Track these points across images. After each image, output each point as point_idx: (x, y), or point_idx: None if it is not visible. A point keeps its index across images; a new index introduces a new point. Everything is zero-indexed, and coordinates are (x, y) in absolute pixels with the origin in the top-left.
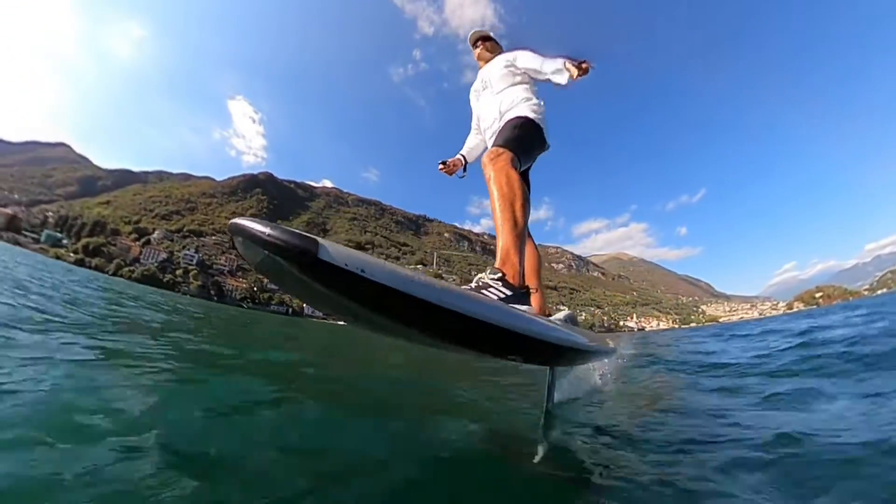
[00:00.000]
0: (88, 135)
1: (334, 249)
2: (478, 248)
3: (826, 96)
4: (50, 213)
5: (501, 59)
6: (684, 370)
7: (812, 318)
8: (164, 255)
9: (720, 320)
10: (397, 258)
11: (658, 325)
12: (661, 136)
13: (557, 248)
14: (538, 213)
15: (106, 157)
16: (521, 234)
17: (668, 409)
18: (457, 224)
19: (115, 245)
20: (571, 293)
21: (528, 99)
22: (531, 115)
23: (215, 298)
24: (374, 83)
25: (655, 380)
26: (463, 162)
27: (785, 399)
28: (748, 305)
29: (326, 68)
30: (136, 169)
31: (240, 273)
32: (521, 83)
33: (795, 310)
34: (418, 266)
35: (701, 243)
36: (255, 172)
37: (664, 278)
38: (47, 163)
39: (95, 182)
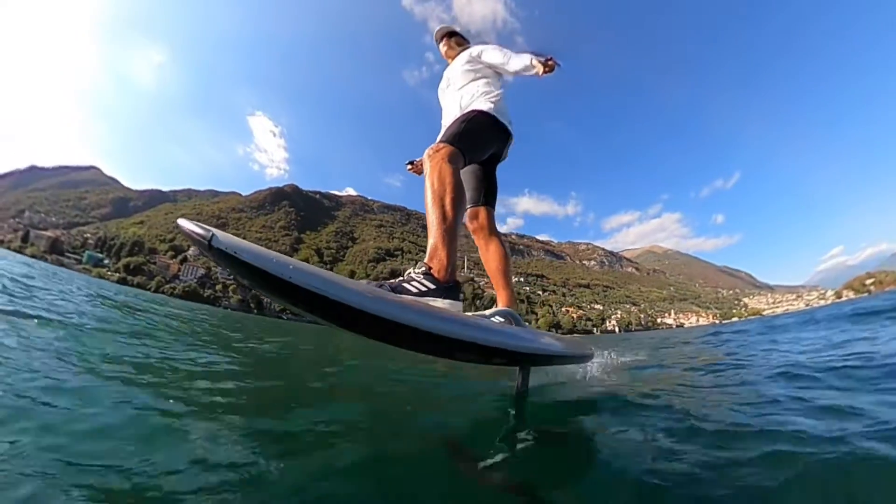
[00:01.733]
0: (117, 157)
1: (225, 238)
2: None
3: (873, 68)
4: (88, 235)
5: (464, 55)
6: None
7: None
8: (202, 271)
9: (763, 313)
10: None
11: (697, 321)
12: (690, 119)
13: (588, 244)
14: (564, 210)
15: (135, 178)
16: (451, 228)
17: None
18: None
19: (154, 263)
20: (605, 290)
21: (488, 92)
22: (485, 108)
23: (255, 311)
24: (389, 88)
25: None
26: None
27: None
28: (793, 296)
29: (341, 77)
30: (164, 188)
31: None
32: (481, 77)
33: (845, 298)
34: None
35: (739, 230)
36: (281, 185)
37: (702, 271)
38: (80, 186)
39: (127, 203)
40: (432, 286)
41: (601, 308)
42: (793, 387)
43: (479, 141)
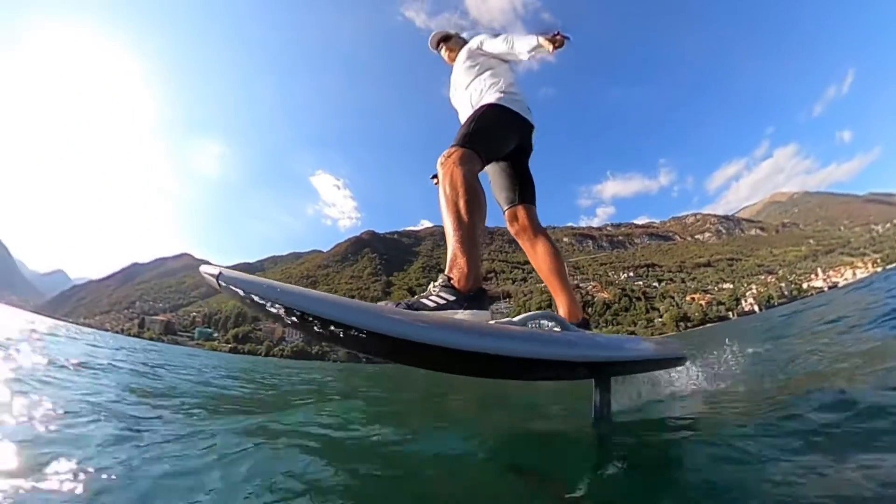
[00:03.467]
0: (203, 241)
1: (229, 274)
2: (604, 244)
3: None
4: (195, 313)
5: (463, 53)
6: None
7: None
8: None
9: None
10: (524, 279)
11: (854, 274)
12: (774, 23)
13: (695, 214)
14: (657, 182)
15: (223, 257)
16: (469, 233)
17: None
18: (572, 224)
19: (260, 329)
20: (730, 264)
21: (495, 83)
22: (494, 100)
23: (364, 360)
24: (430, 110)
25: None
26: None
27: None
28: None
29: (384, 112)
30: (251, 260)
31: None
32: (486, 70)
33: None
34: None
35: (876, 142)
36: (358, 234)
37: (844, 208)
38: (177, 272)
39: None
40: (452, 297)
41: (731, 287)
42: None
43: (495, 137)
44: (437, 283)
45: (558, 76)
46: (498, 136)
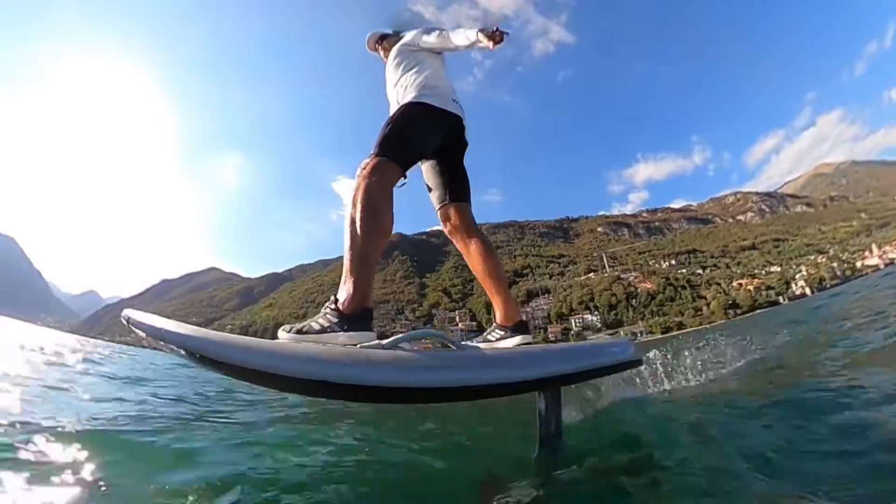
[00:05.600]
0: (231, 254)
1: (134, 316)
2: (641, 231)
3: None
4: (229, 326)
5: (394, 51)
6: None
7: None
8: None
9: None
10: (561, 274)
11: None
12: None
13: (735, 193)
14: (691, 161)
15: (251, 268)
16: (360, 253)
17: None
18: (605, 212)
19: None
20: (776, 245)
21: (417, 79)
22: (411, 98)
23: None
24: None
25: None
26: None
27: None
28: None
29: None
30: (279, 270)
31: None
32: (412, 66)
33: None
34: (589, 275)
35: None
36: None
37: None
38: (206, 286)
39: (251, 291)
40: (335, 320)
41: (779, 269)
42: None
43: (412, 139)
44: (327, 305)
45: (577, 56)
46: (416, 137)
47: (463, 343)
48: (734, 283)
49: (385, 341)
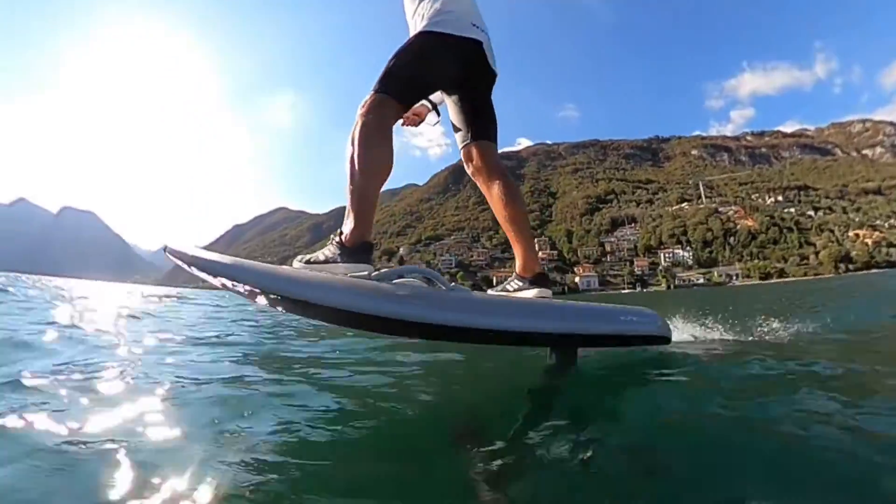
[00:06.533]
0: (295, 192)
1: (173, 247)
2: (743, 158)
3: None
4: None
5: None
6: None
7: None
8: (422, 266)
9: None
10: (649, 202)
11: None
12: None
13: (864, 121)
14: (811, 73)
15: (318, 204)
16: (359, 188)
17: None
18: (700, 132)
19: (378, 268)
20: None
21: (431, 5)
22: (421, 28)
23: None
24: (521, 7)
25: None
26: (429, 107)
27: None
28: None
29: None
30: (345, 203)
31: (497, 263)
32: None
33: None
34: (682, 205)
35: None
36: (455, 161)
37: None
38: (276, 227)
39: (321, 227)
40: (337, 252)
41: None
42: None
43: (416, 73)
44: (332, 237)
45: None
46: (420, 71)
47: (454, 285)
48: (850, 233)
49: (374, 273)
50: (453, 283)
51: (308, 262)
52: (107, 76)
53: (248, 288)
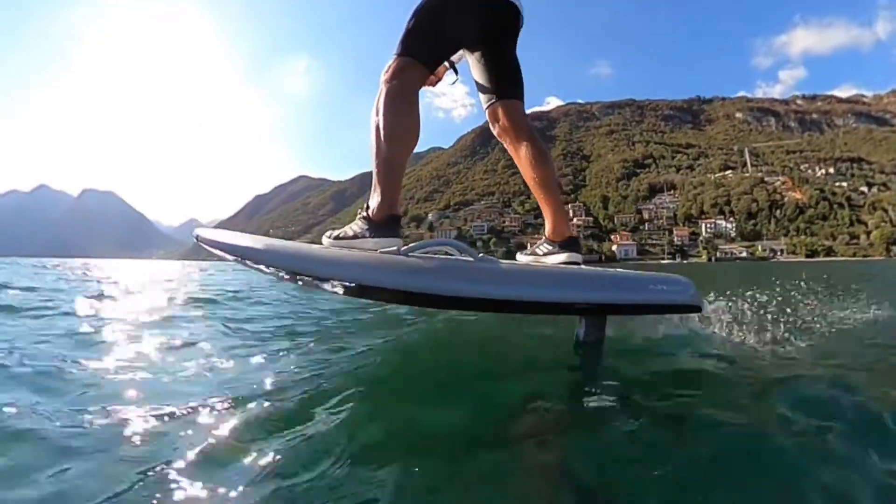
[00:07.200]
0: (315, 160)
1: (204, 234)
2: (792, 123)
3: None
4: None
5: None
6: None
7: None
8: (454, 233)
9: None
10: (690, 168)
11: None
12: None
13: None
14: (872, 32)
15: (339, 171)
16: (385, 160)
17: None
18: (746, 94)
19: (407, 237)
20: None
21: None
22: None
23: None
24: None
25: None
26: (447, 66)
27: None
28: None
29: None
30: (370, 169)
31: (530, 229)
32: None
33: None
34: (726, 172)
35: None
36: (480, 124)
37: None
38: (298, 195)
39: (344, 194)
40: (365, 227)
41: None
42: None
43: (437, 31)
44: (359, 212)
45: None
46: (441, 29)
47: (482, 256)
48: None
49: (404, 247)
50: (481, 254)
51: (337, 237)
52: (119, 56)
53: (281, 273)
